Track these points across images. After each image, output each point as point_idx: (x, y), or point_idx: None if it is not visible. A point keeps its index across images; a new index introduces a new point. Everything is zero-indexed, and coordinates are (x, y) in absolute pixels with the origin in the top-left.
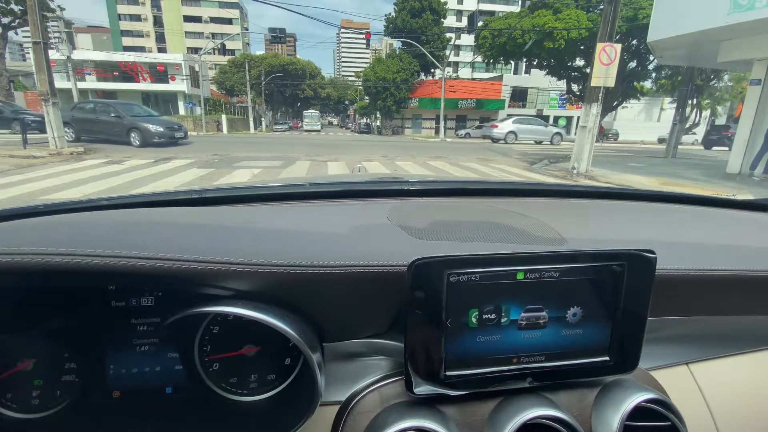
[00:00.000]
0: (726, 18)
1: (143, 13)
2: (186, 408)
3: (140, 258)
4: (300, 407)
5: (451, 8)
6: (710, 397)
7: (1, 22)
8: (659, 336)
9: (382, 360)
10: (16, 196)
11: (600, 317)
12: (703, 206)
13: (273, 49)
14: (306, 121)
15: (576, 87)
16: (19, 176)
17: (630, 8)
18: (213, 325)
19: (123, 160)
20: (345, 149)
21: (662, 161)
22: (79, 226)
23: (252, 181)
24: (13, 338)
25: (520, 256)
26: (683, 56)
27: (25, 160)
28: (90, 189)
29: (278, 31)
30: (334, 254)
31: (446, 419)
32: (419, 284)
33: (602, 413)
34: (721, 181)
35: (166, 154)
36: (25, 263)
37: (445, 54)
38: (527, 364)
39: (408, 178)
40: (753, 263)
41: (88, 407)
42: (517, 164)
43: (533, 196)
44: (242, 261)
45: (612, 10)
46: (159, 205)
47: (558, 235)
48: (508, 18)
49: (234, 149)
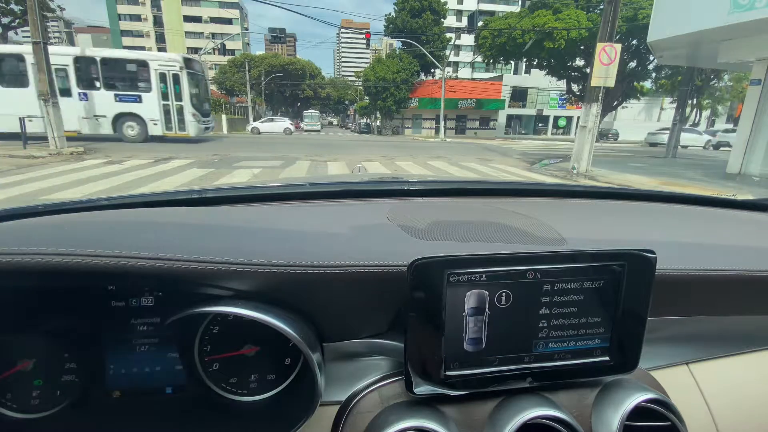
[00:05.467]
0: (726, 18)
1: (143, 13)
2: (186, 408)
3: (140, 258)
4: (300, 407)
5: (451, 8)
6: (710, 397)
7: (1, 22)
8: (659, 336)
9: (382, 360)
10: (16, 196)
11: (600, 317)
12: (703, 206)
13: (273, 49)
14: (306, 121)
15: (576, 87)
16: (19, 176)
17: (630, 8)
18: (213, 325)
19: (123, 160)
20: (345, 149)
21: (662, 161)
22: (79, 226)
23: (252, 181)
24: (13, 338)
25: (520, 256)
26: (683, 56)
27: (24, 160)
28: (90, 189)
29: (278, 31)
30: (334, 254)
31: (446, 419)
32: (419, 284)
33: (602, 413)
34: (721, 181)
35: (166, 154)
36: (25, 263)
37: (445, 54)
38: (527, 364)
39: (408, 178)
40: (753, 263)
41: (88, 407)
42: (517, 164)
43: (533, 196)
44: (242, 261)
45: (612, 10)
46: (159, 205)
47: (558, 235)
48: (508, 18)
49: (234, 149)
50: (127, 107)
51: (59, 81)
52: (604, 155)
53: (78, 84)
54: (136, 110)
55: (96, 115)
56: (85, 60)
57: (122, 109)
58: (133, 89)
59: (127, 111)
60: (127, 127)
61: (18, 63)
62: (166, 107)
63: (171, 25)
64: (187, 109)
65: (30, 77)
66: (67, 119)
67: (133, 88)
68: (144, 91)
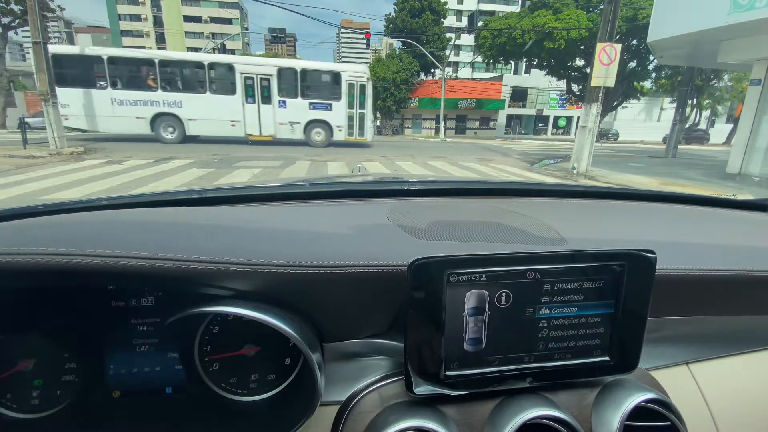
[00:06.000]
0: (726, 18)
1: (143, 13)
2: (186, 408)
3: (140, 258)
4: (300, 407)
5: (451, 8)
6: (710, 397)
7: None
8: (659, 336)
9: (382, 360)
10: (16, 196)
11: (600, 317)
12: (703, 206)
13: (273, 49)
14: None
15: (576, 87)
16: (19, 176)
17: (630, 8)
18: (213, 325)
19: (123, 160)
20: (345, 149)
21: (662, 161)
22: (79, 226)
23: (252, 181)
24: (13, 338)
25: (520, 256)
26: (683, 56)
27: (24, 160)
28: (90, 189)
29: (278, 31)
30: (334, 254)
31: (446, 419)
32: (419, 284)
33: (602, 413)
34: (721, 181)
35: (166, 154)
36: (25, 263)
37: (445, 54)
38: (527, 364)
39: (408, 178)
40: (753, 263)
41: (88, 407)
42: (517, 164)
43: (533, 196)
44: (242, 261)
45: (612, 10)
46: (159, 205)
47: (558, 235)
48: (508, 18)
49: (234, 149)
50: (319, 114)
51: (263, 90)
52: (604, 155)
53: (279, 92)
54: (325, 117)
55: (291, 121)
56: (287, 71)
57: (314, 116)
58: (325, 98)
59: (319, 118)
60: (316, 133)
61: (228, 72)
62: (350, 114)
63: (171, 25)
64: (368, 116)
65: (237, 85)
66: (265, 125)
67: (325, 97)
68: (334, 100)
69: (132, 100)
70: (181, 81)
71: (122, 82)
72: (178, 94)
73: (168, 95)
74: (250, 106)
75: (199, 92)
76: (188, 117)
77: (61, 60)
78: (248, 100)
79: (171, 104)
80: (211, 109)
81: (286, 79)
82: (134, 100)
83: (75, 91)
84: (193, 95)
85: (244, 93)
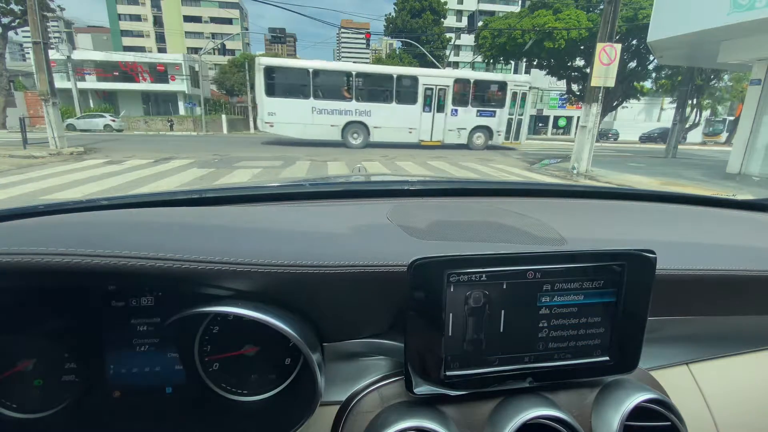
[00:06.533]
0: (726, 18)
1: (143, 13)
2: (186, 408)
3: (140, 258)
4: (300, 407)
5: (451, 8)
6: (710, 397)
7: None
8: (659, 336)
9: (382, 360)
10: (16, 196)
11: (600, 317)
12: (703, 206)
13: (273, 49)
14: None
15: (576, 87)
16: (19, 176)
17: (630, 8)
18: (213, 325)
19: (123, 160)
20: (345, 149)
21: (662, 161)
22: (79, 226)
23: (252, 181)
24: (13, 338)
25: (520, 256)
26: (683, 56)
27: (24, 160)
28: (90, 189)
29: (278, 31)
30: (334, 254)
31: (446, 419)
32: (419, 284)
33: (602, 413)
34: (721, 181)
35: (166, 154)
36: (25, 263)
37: (445, 54)
38: (527, 364)
39: (408, 178)
40: (753, 263)
41: (89, 407)
42: (517, 164)
43: (533, 196)
44: (242, 261)
45: (612, 10)
46: (159, 205)
47: (558, 235)
48: (508, 18)
49: (234, 149)
50: (484, 121)
51: (438, 99)
52: (604, 155)
53: (453, 101)
54: (488, 123)
55: (459, 127)
56: (462, 81)
57: (480, 122)
58: (491, 105)
59: (483, 124)
60: (477, 138)
61: (412, 83)
62: (509, 120)
63: (171, 25)
64: (525, 122)
65: (419, 95)
66: (436, 131)
67: (491, 105)
68: (499, 107)
69: (329, 110)
70: (371, 92)
71: (322, 92)
72: (368, 103)
73: (360, 105)
74: (426, 114)
75: (387, 102)
76: (374, 125)
77: (271, 72)
78: (425, 109)
79: (361, 113)
80: (393, 117)
81: (461, 88)
82: (331, 109)
83: (281, 101)
84: (380, 105)
85: (423, 102)
